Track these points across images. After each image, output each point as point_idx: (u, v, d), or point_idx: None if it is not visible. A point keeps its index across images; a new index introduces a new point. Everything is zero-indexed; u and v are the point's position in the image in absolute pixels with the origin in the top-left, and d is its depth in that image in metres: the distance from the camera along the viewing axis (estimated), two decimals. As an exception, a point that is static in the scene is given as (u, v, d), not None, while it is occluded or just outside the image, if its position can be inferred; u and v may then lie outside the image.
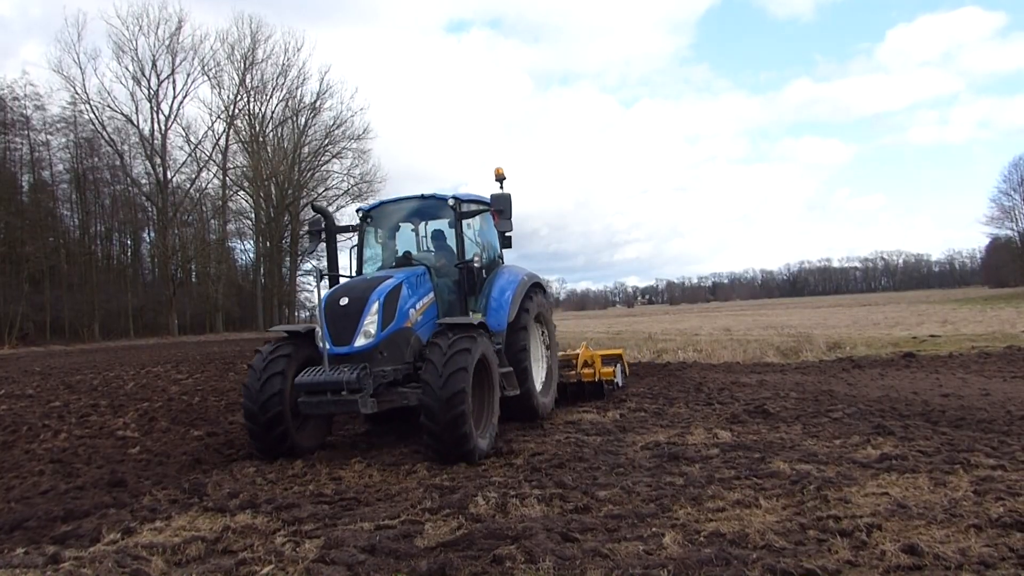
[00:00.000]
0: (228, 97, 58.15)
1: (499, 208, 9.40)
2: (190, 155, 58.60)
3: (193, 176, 59.33)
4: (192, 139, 58.27)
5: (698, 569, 4.35)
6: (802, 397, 11.75)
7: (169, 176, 57.82)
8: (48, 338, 47.35)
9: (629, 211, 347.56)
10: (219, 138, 58.66)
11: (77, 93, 53.03)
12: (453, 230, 9.88)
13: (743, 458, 7.41)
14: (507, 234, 10.87)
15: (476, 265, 9.41)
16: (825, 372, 16.08)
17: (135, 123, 55.62)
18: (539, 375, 10.80)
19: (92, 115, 53.92)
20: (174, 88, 56.67)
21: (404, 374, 8.34)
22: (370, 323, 8.05)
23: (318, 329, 8.20)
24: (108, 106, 54.26)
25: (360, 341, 8.01)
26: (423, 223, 10.49)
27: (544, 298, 11.09)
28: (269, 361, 8.27)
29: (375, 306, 8.12)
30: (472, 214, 9.86)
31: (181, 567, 4.94)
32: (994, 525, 4.90)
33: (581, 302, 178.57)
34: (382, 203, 10.44)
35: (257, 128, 58.89)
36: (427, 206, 10.11)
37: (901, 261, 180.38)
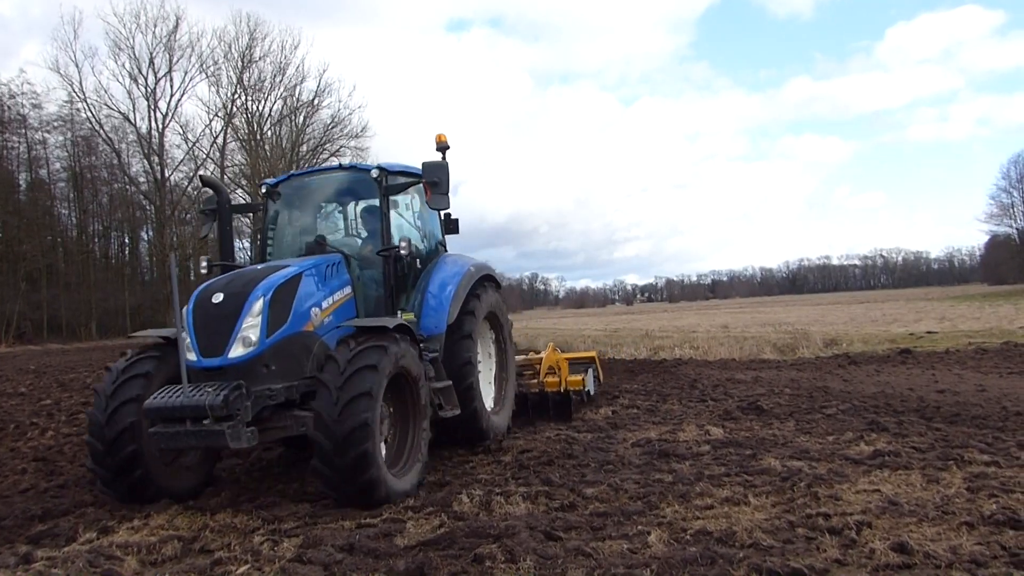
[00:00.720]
0: (226, 95, 57.86)
1: (432, 180, 7.43)
2: (188, 153, 58.34)
3: (191, 174, 59.12)
4: (190, 137, 57.99)
5: (682, 568, 4.24)
6: (796, 393, 11.66)
7: (167, 174, 57.60)
8: (45, 336, 47.24)
9: (629, 209, 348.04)
10: (217, 136, 58.41)
11: (74, 91, 52.73)
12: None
13: (734, 455, 7.31)
14: (452, 216, 9.10)
15: (403, 252, 7.48)
16: (821, 369, 15.98)
17: (132, 121, 55.36)
18: (489, 389, 9.10)
19: (89, 113, 53.64)
20: (171, 86, 56.37)
21: (303, 392, 6.38)
22: (250, 327, 6.18)
23: (184, 335, 6.19)
24: (105, 104, 53.93)
25: (236, 351, 6.14)
26: (348, 201, 8.60)
27: (497, 294, 9.26)
28: (120, 384, 6.37)
29: (258, 304, 6.23)
30: (401, 188, 7.99)
31: (155, 567, 4.85)
32: (987, 523, 4.80)
33: (580, 300, 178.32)
34: (291, 176, 8.48)
35: (255, 126, 58.70)
36: (348, 180, 8.32)
37: (900, 259, 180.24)
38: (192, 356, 6.18)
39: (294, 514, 5.85)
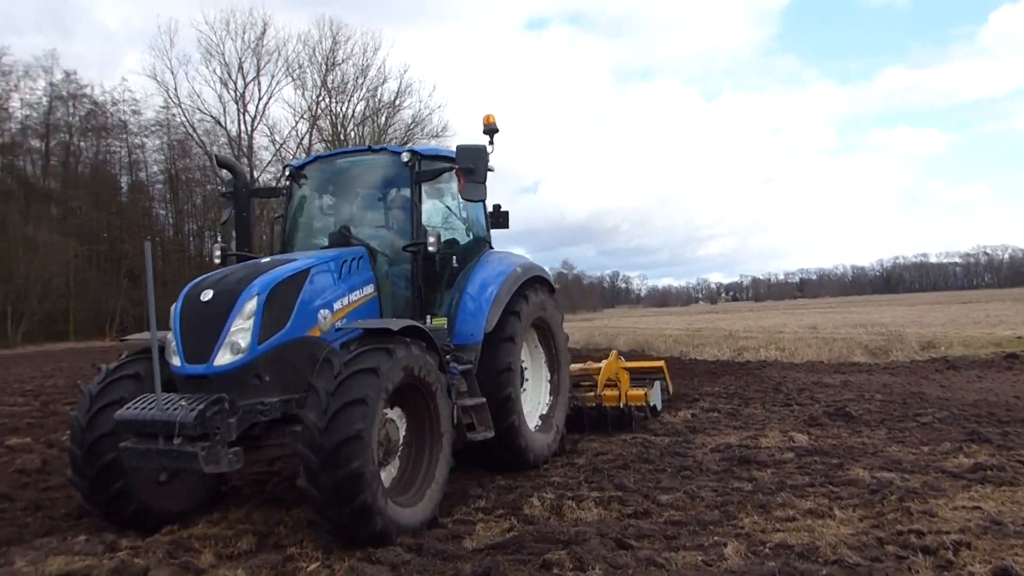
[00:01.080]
0: (310, 97, 59.54)
1: (466, 166, 6.55)
2: (275, 155, 60.34)
3: (278, 175, 61.19)
4: (277, 139, 59.98)
5: (760, 584, 4.04)
6: (889, 399, 11.07)
7: (256, 175, 59.76)
8: (146, 331, 49.77)
9: (712, 205, 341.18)
10: (303, 138, 60.17)
11: (169, 97, 55.26)
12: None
13: (819, 464, 6.98)
14: (502, 208, 8.20)
15: (431, 248, 6.58)
16: (916, 373, 15.17)
17: (223, 125, 57.62)
18: (535, 407, 8.01)
19: (183, 118, 56.16)
20: (259, 90, 58.37)
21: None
22: (240, 330, 5.34)
23: (169, 336, 5.58)
24: (198, 109, 56.36)
25: (223, 358, 5.31)
26: (379, 188, 7.49)
27: (548, 297, 8.15)
28: (107, 384, 5.71)
29: (251, 304, 5.39)
30: (435, 174, 7.01)
31: (230, 560, 4.95)
32: (1103, 547, 4.39)
33: (663, 298, 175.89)
34: (317, 158, 7.68)
35: (339, 127, 60.19)
36: (379, 164, 7.35)
37: (1007, 256, 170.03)
38: (176, 361, 5.46)
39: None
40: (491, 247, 8.11)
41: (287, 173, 7.50)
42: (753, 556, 4.53)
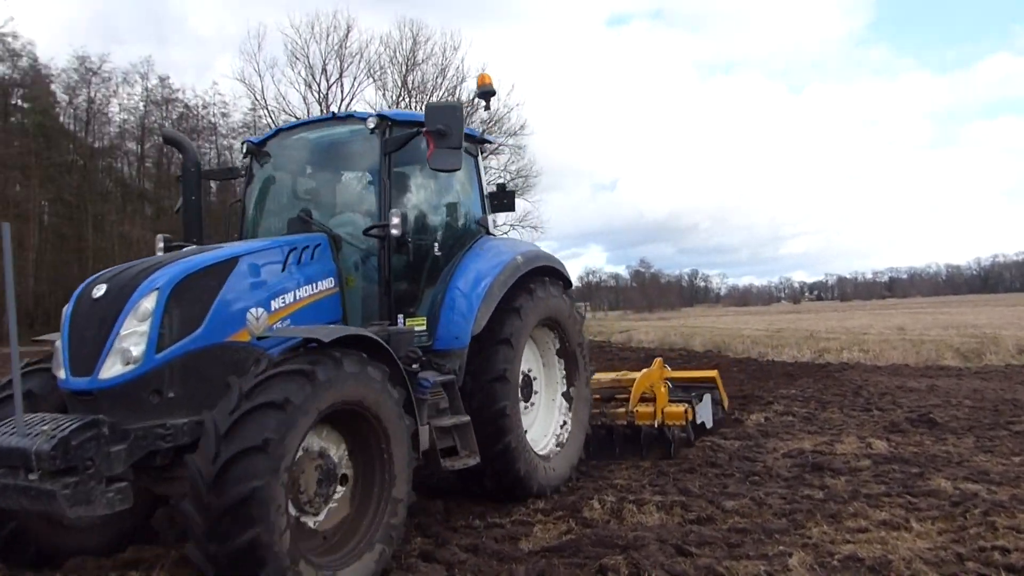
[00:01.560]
0: (391, 98, 60.60)
1: (437, 128, 5.34)
2: (357, 154, 61.82)
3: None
4: (359, 139, 61.53)
5: (824, 599, 3.86)
6: (978, 406, 10.47)
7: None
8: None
9: (797, 202, 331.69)
10: (383, 138, 61.54)
11: (256, 99, 57.12)
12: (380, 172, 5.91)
13: (898, 472, 6.66)
14: (507, 187, 7.33)
15: (395, 231, 5.51)
16: (1011, 378, 14.29)
17: (307, 126, 59.47)
18: (544, 428, 6.90)
19: (269, 120, 58.03)
20: (342, 91, 59.73)
21: None
22: (132, 335, 4.34)
23: (58, 343, 4.60)
24: (283, 111, 58.15)
25: (110, 369, 4.31)
26: (349, 163, 6.63)
27: (561, 293, 6.96)
28: None
29: (148, 303, 4.38)
30: (405, 140, 5.78)
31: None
32: None
33: (743, 298, 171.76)
34: (279, 131, 6.59)
35: (418, 127, 61.17)
36: (347, 135, 6.35)
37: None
38: (62, 374, 4.47)
39: (425, 509, 5.89)
40: (489, 233, 6.96)
41: (245, 150, 6.52)
42: (820, 568, 4.34)
